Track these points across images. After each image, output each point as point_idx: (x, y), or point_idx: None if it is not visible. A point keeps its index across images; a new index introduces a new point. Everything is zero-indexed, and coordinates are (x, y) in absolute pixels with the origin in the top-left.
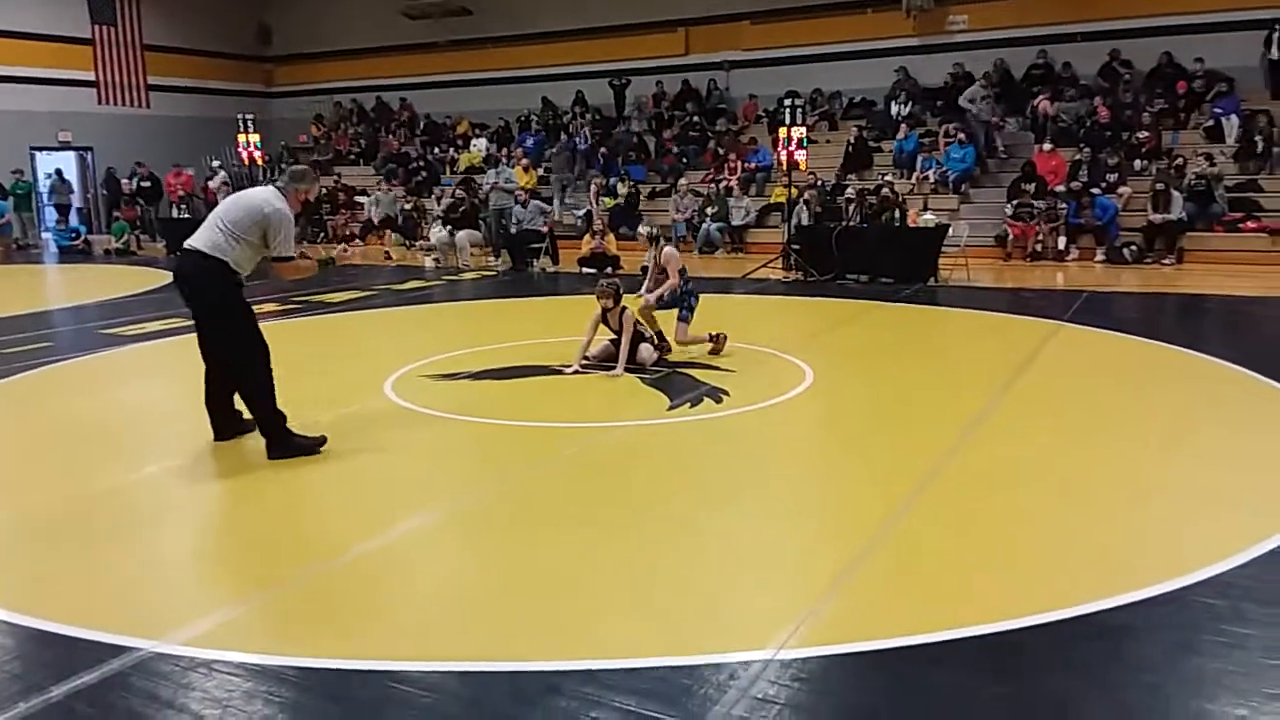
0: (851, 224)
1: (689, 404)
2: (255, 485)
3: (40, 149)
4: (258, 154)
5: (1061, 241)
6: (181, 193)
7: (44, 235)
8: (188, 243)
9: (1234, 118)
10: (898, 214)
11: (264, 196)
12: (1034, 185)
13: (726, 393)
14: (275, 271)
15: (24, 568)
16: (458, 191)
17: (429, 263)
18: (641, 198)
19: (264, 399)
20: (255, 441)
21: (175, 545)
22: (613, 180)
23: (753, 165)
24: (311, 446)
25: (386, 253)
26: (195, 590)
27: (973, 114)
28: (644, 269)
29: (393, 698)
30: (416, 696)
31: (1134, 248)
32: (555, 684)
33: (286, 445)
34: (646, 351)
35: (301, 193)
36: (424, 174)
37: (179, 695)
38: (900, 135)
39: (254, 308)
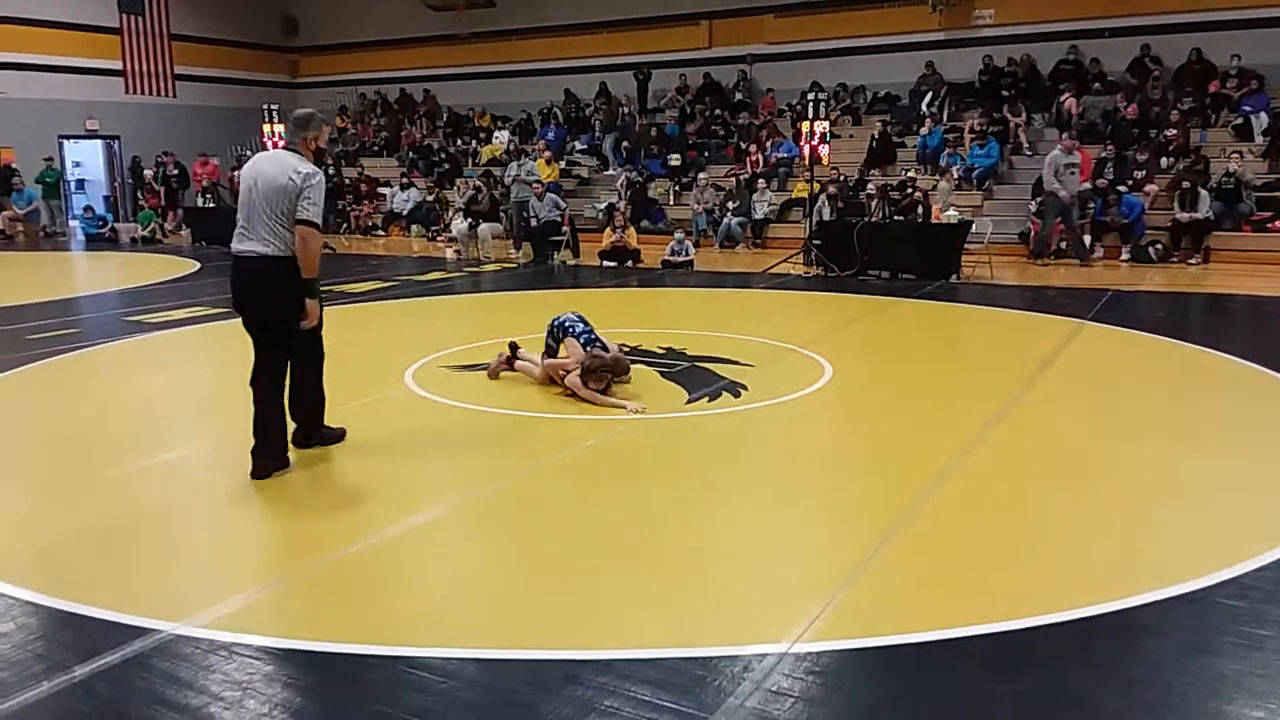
0: (874, 219)
1: (707, 398)
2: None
3: (68, 137)
4: (282, 144)
5: (1086, 239)
6: (206, 182)
7: (71, 223)
8: (246, 248)
9: (1263, 116)
10: (920, 210)
11: (291, 164)
12: None
13: (745, 387)
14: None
15: (48, 550)
16: (476, 183)
17: (450, 254)
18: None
19: (319, 381)
20: None
21: (196, 529)
22: (633, 173)
23: (774, 159)
24: (334, 437)
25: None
26: (216, 574)
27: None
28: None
29: (410, 683)
30: (433, 682)
31: (1160, 246)
32: (572, 672)
33: (311, 434)
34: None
35: (311, 140)
36: (446, 166)
37: (199, 677)
38: (924, 130)
39: None
